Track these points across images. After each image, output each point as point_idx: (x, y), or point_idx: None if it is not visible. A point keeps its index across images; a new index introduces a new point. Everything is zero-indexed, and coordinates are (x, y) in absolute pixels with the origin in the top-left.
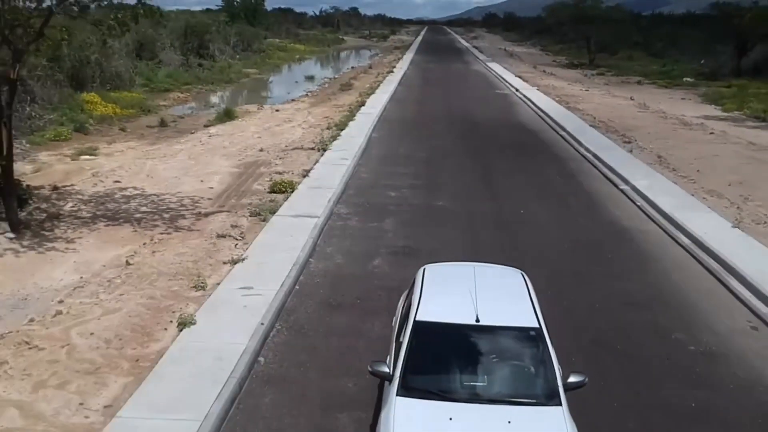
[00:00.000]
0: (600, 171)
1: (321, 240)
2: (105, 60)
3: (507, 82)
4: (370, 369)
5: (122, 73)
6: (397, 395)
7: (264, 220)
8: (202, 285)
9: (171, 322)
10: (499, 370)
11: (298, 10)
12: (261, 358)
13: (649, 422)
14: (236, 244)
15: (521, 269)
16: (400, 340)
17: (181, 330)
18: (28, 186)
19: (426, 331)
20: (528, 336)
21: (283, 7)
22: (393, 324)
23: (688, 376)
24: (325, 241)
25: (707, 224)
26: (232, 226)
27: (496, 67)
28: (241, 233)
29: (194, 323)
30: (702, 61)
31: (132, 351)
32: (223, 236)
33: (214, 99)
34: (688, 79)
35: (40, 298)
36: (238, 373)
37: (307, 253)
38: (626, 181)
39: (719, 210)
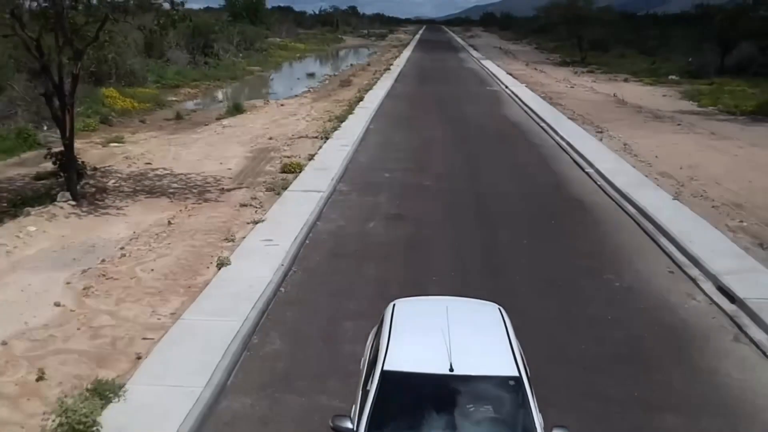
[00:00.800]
0: (571, 157)
1: (326, 209)
2: (120, 58)
3: (498, 78)
4: (331, 425)
5: (136, 70)
6: None
7: (278, 194)
8: (232, 238)
9: (211, 263)
10: (475, 425)
11: (297, 8)
12: (282, 288)
13: (574, 327)
14: (256, 211)
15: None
16: (367, 388)
17: (219, 268)
18: (83, 162)
19: (394, 382)
20: (507, 386)
21: (282, 5)
22: (361, 366)
23: (610, 301)
24: (330, 210)
25: (652, 198)
26: (251, 198)
27: (489, 65)
28: (260, 203)
29: (229, 264)
30: (690, 60)
31: (184, 281)
32: (245, 205)
33: (222, 94)
34: (674, 76)
35: (105, 246)
36: (266, 295)
37: (315, 217)
38: (591, 165)
39: (666, 187)
